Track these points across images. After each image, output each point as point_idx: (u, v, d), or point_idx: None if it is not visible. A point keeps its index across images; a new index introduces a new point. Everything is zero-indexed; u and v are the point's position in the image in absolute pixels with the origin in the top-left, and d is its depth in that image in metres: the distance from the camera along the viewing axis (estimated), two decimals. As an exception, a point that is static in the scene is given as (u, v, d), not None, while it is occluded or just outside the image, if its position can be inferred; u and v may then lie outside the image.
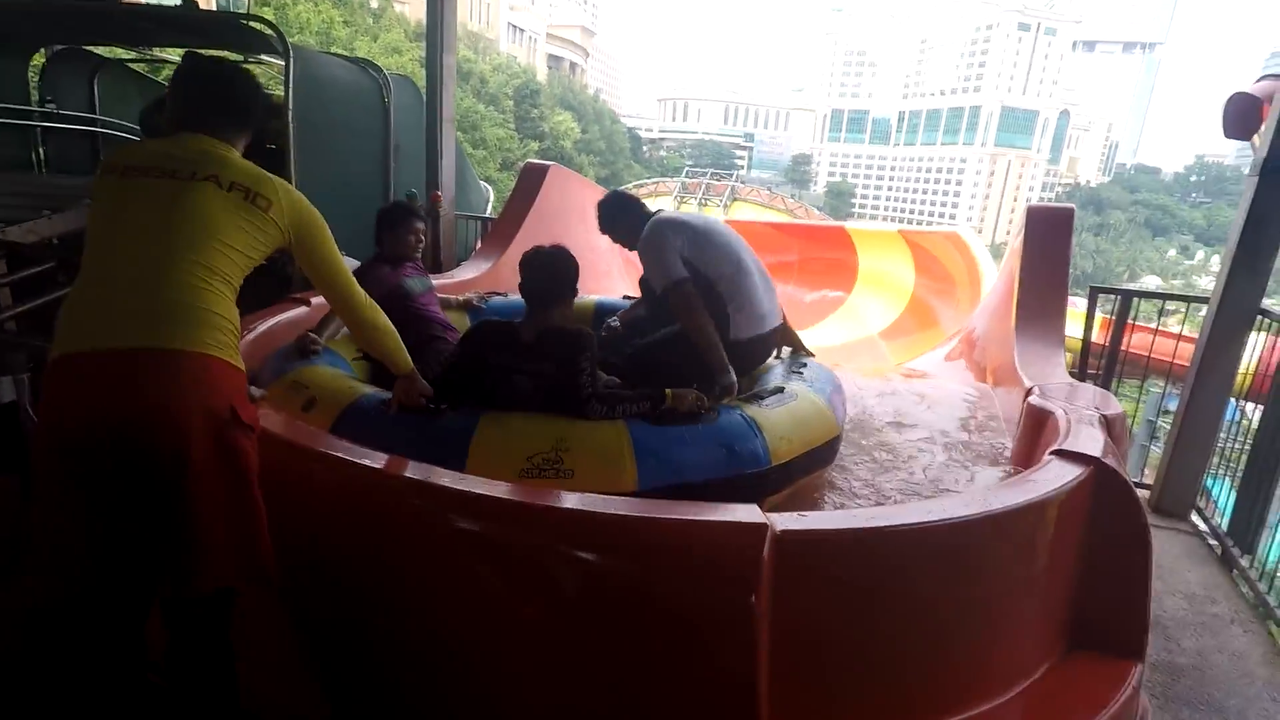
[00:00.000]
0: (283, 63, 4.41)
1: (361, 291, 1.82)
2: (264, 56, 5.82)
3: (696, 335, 2.33)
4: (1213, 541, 3.17)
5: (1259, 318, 3.09)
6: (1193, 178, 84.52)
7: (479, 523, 1.54)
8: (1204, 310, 3.30)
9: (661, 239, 2.42)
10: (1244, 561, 2.93)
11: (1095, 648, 1.92)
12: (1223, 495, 3.31)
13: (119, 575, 1.38)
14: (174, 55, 7.53)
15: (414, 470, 1.62)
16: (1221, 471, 3.39)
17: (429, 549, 1.59)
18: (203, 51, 1.80)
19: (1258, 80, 3.25)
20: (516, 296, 3.07)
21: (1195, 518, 3.36)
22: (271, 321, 2.80)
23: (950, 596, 1.61)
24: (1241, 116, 3.21)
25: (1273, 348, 3.09)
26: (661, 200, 22.57)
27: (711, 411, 2.11)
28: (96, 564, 1.36)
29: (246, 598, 1.52)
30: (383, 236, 3.03)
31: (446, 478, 1.58)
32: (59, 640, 1.43)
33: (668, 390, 2.09)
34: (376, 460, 1.67)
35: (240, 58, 6.85)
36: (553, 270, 2.20)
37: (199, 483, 1.36)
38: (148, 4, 5.13)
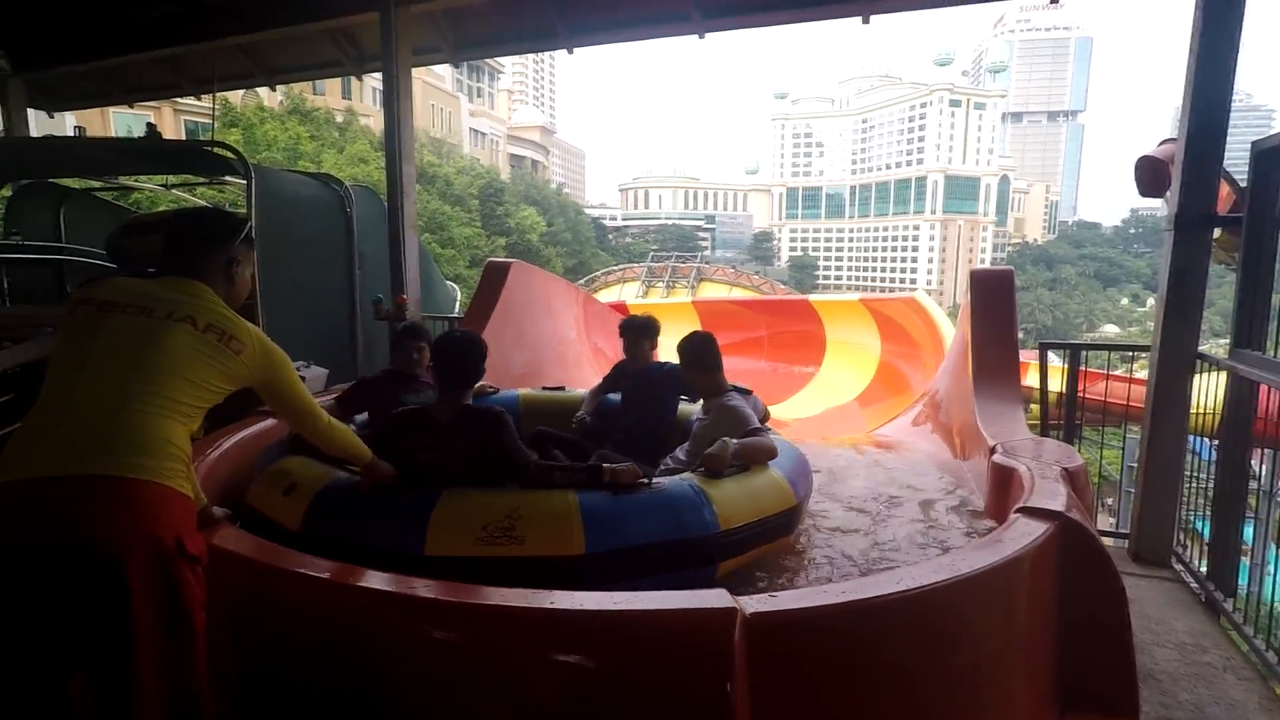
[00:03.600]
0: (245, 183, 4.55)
1: (316, 407, 1.89)
2: (228, 178, 5.99)
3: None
4: (1195, 586, 3.17)
5: (1198, 361, 3.21)
6: (1131, 230, 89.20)
7: (446, 630, 1.52)
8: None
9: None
10: (1228, 605, 2.93)
11: (1091, 709, 1.90)
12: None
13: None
14: (146, 182, 7.69)
15: (380, 581, 1.60)
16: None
17: (396, 659, 1.55)
18: (169, 177, 1.88)
19: (1160, 144, 3.51)
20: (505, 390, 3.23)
21: (1176, 564, 3.37)
22: (240, 435, 2.85)
23: (930, 665, 1.59)
24: (1152, 177, 3.45)
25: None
26: (629, 286, 23.02)
27: (649, 482, 2.20)
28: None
29: None
30: (391, 355, 3.29)
31: (417, 587, 1.56)
32: None
33: (605, 465, 2.19)
34: (340, 574, 1.64)
35: (206, 180, 7.06)
36: (470, 354, 2.33)
37: (139, 616, 1.32)
38: (112, 137, 5.30)
